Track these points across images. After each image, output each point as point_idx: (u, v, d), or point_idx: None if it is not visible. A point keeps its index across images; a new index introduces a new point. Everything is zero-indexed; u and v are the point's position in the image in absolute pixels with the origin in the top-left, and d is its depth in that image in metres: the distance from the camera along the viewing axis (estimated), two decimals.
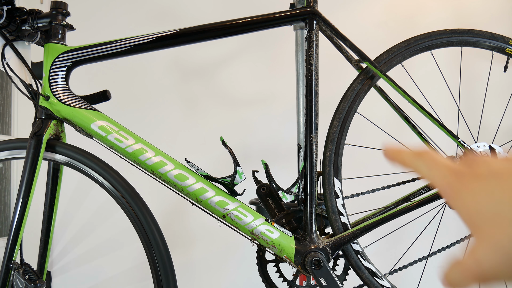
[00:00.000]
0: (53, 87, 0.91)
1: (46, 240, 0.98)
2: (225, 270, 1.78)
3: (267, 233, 0.88)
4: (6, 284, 0.87)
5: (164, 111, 1.82)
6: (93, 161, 0.89)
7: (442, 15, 1.76)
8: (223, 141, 0.88)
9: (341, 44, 0.99)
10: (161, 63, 1.83)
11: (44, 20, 0.92)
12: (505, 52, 1.03)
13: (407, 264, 1.03)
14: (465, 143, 0.98)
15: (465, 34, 1.01)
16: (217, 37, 0.94)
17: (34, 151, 0.87)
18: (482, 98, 1.58)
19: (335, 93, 1.08)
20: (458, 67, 1.55)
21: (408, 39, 0.99)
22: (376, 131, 1.16)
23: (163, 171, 0.87)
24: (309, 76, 0.91)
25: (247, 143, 1.78)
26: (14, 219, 0.86)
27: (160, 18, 1.84)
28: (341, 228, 0.92)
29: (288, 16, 0.93)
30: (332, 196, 0.93)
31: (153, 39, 0.92)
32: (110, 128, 0.89)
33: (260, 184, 0.94)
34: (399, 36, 1.04)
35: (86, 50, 0.92)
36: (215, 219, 0.90)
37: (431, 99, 1.18)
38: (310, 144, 0.90)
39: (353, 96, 0.96)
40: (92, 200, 1.76)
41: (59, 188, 0.98)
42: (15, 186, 1.80)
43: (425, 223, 1.17)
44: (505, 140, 1.16)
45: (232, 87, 1.82)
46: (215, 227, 0.95)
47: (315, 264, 0.86)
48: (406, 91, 0.96)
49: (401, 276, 1.05)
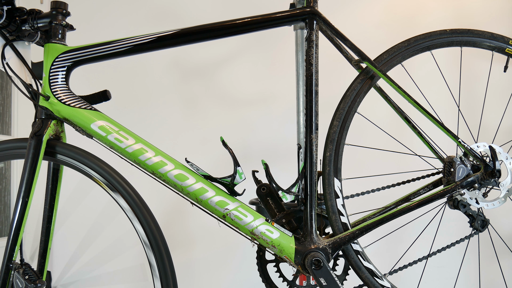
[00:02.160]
0: (53, 87, 0.91)
1: (46, 240, 0.98)
2: (225, 270, 1.78)
3: (267, 233, 0.88)
4: (6, 284, 0.87)
5: (164, 111, 1.82)
6: (93, 161, 0.89)
7: (442, 15, 1.76)
8: (223, 141, 0.88)
9: (341, 44, 0.99)
10: (161, 63, 1.83)
11: (44, 20, 0.92)
12: (505, 52, 1.03)
13: (407, 264, 1.03)
14: (465, 143, 0.98)
15: (465, 34, 1.01)
16: (217, 37, 0.94)
17: (34, 151, 0.87)
18: (482, 98, 1.58)
19: (335, 93, 1.08)
20: (458, 67, 1.55)
21: (408, 39, 0.99)
22: (376, 131, 1.16)
23: (163, 171, 0.87)
24: (309, 76, 0.91)
25: (247, 143, 1.78)
26: (14, 219, 0.86)
27: (160, 18, 1.84)
28: (341, 228, 0.92)
29: (288, 16, 0.93)
30: (332, 196, 0.93)
31: (153, 39, 0.92)
32: (110, 128, 0.89)
33: (260, 184, 0.94)
34: (399, 36, 1.04)
35: (86, 50, 0.92)
36: (215, 219, 0.90)
37: (431, 99, 1.18)
38: (310, 144, 0.90)
39: (353, 96, 0.96)
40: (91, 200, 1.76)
41: (59, 188, 0.98)
42: (15, 186, 1.80)
43: (425, 223, 1.17)
44: (505, 140, 1.16)
45: (232, 87, 1.82)
46: (215, 227, 0.95)
47: (315, 264, 0.86)
48: (406, 91, 0.96)
49: (401, 276, 1.05)
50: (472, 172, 0.97)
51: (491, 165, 0.96)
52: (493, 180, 0.96)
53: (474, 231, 1.03)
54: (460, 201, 1.00)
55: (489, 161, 0.97)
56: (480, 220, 1.01)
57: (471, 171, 0.96)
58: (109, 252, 1.78)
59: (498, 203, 0.99)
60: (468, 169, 0.96)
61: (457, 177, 0.95)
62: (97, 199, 1.74)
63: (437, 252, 1.04)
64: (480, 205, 0.99)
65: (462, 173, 0.95)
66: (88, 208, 1.77)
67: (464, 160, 0.97)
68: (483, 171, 0.96)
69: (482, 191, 0.99)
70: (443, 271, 1.71)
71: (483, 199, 0.99)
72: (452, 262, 1.68)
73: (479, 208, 1.01)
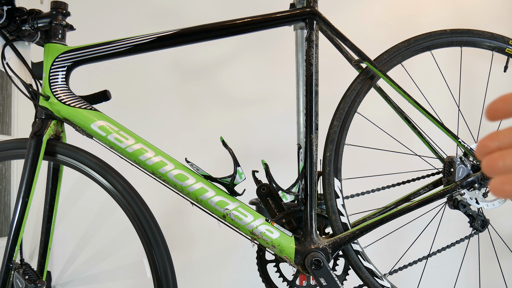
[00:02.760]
0: (53, 87, 0.91)
1: (46, 240, 0.98)
2: (225, 270, 1.78)
3: (267, 233, 0.88)
4: (6, 284, 0.87)
5: (164, 111, 1.82)
6: (93, 161, 0.89)
7: (442, 15, 1.76)
8: (223, 141, 0.88)
9: (341, 44, 0.99)
10: (161, 63, 1.83)
11: (44, 20, 0.92)
12: (505, 52, 1.03)
13: (407, 264, 1.03)
14: (465, 143, 0.98)
15: (465, 34, 1.01)
16: (217, 37, 0.94)
17: (34, 151, 0.87)
18: (482, 98, 1.58)
19: (335, 93, 1.08)
20: (458, 67, 1.56)
21: (408, 39, 0.99)
22: (376, 131, 1.16)
23: (163, 171, 0.87)
24: (309, 76, 0.91)
25: (247, 143, 1.78)
26: (14, 219, 0.86)
27: (160, 18, 1.84)
28: (341, 228, 0.92)
29: (288, 16, 0.93)
30: (332, 196, 0.93)
31: (153, 39, 0.92)
32: (110, 128, 0.89)
33: (260, 184, 0.94)
34: (399, 36, 1.04)
35: (86, 50, 0.92)
36: (215, 219, 0.90)
37: (431, 99, 1.18)
38: (310, 144, 0.90)
39: (353, 96, 0.96)
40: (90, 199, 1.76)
41: (59, 188, 0.98)
42: (15, 186, 1.80)
43: (425, 223, 1.17)
44: None
45: (232, 87, 1.82)
46: (215, 227, 0.95)
47: (315, 264, 0.86)
48: (406, 91, 0.96)
49: (401, 276, 1.05)
50: (472, 172, 0.97)
51: None
52: None
53: (474, 231, 1.03)
54: (460, 201, 1.00)
55: None
56: (480, 220, 1.01)
57: (471, 171, 0.96)
58: (107, 250, 1.78)
59: (498, 203, 0.99)
60: (468, 169, 0.96)
61: (457, 177, 0.95)
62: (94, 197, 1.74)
63: (437, 252, 1.04)
64: (480, 205, 0.99)
65: (462, 173, 0.95)
66: (85, 207, 1.77)
67: (464, 160, 0.97)
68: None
69: (482, 191, 0.99)
70: (443, 271, 1.71)
71: (483, 199, 0.99)
72: (452, 262, 1.68)
73: (479, 208, 1.01)
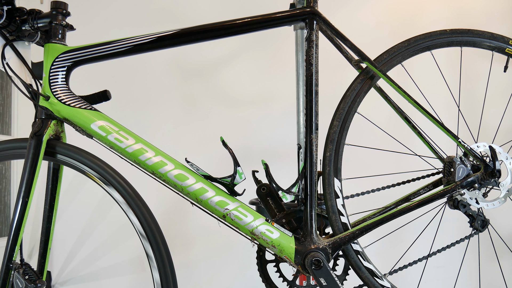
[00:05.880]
0: (53, 87, 0.91)
1: (46, 240, 0.98)
2: (225, 270, 1.78)
3: (267, 233, 0.88)
4: (6, 284, 0.87)
5: (164, 111, 1.82)
6: (93, 161, 0.89)
7: (442, 15, 1.76)
8: (223, 141, 0.88)
9: (341, 44, 0.99)
10: (161, 63, 1.83)
11: (44, 20, 0.92)
12: (505, 52, 1.03)
13: (407, 264, 1.03)
14: (465, 143, 0.98)
15: (465, 34, 1.01)
16: (217, 37, 0.94)
17: (34, 151, 0.87)
18: (482, 98, 1.58)
19: (335, 93, 1.08)
20: (458, 67, 1.55)
21: (408, 39, 0.99)
22: (376, 131, 1.16)
23: (163, 171, 0.87)
24: (309, 76, 0.91)
25: (247, 143, 1.78)
26: (14, 219, 0.86)
27: (160, 18, 1.84)
28: (341, 228, 0.92)
29: (288, 16, 0.93)
30: (332, 196, 0.93)
31: (153, 39, 0.92)
32: (110, 128, 0.89)
33: (260, 184, 0.94)
34: (399, 36, 1.04)
35: (86, 50, 0.92)
36: (215, 219, 0.90)
37: (431, 99, 1.18)
38: (310, 144, 0.90)
39: (353, 96, 0.96)
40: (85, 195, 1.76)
41: (59, 188, 0.98)
42: (15, 186, 1.80)
43: (425, 223, 1.17)
44: (505, 140, 1.16)
45: (233, 87, 1.82)
46: (215, 227, 0.95)
47: (315, 264, 0.86)
48: (406, 91, 0.96)
49: (401, 276, 1.05)
50: (472, 172, 0.97)
51: (491, 165, 0.96)
52: (493, 180, 0.96)
53: (474, 231, 1.03)
54: (460, 201, 1.00)
55: (489, 161, 0.97)
56: (480, 220, 1.01)
57: (471, 171, 0.96)
58: (106, 246, 1.78)
59: (498, 203, 0.99)
60: (468, 169, 0.96)
61: (457, 177, 0.95)
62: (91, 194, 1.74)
63: (437, 252, 1.04)
64: (480, 205, 0.99)
65: (462, 173, 0.95)
66: (82, 204, 1.77)
67: (464, 160, 0.97)
68: (483, 171, 0.96)
69: (482, 191, 0.99)
70: (443, 271, 1.71)
71: (483, 199, 0.99)
72: (452, 262, 1.68)
73: (479, 208, 1.01)
